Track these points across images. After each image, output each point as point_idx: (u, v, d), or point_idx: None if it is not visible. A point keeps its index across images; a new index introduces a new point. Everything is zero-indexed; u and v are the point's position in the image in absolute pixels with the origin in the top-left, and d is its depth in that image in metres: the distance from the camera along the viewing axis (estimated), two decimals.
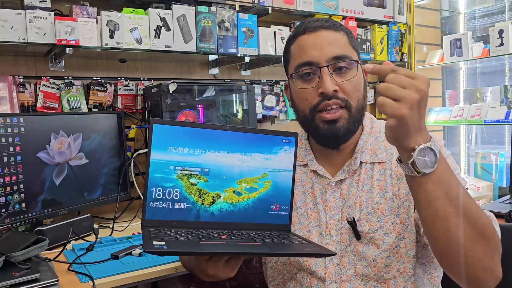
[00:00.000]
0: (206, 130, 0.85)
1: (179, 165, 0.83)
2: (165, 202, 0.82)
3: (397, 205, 0.93)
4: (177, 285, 1.60)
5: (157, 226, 0.80)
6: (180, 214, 0.83)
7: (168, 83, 1.70)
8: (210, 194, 0.86)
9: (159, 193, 0.81)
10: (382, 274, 0.92)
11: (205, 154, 0.85)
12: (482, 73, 2.84)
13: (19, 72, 1.70)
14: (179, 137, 0.83)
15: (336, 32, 0.96)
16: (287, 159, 0.92)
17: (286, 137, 0.92)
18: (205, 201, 0.85)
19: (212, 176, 0.86)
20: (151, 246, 0.69)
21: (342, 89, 0.93)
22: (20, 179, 1.38)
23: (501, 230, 1.16)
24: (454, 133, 2.95)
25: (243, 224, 0.88)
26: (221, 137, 0.86)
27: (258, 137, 0.90)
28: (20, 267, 1.03)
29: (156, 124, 0.81)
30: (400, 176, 0.95)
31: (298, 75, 0.97)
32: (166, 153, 0.82)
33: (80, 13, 1.62)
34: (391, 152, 0.98)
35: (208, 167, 0.85)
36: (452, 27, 2.95)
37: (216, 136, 0.86)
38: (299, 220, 1.00)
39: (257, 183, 0.89)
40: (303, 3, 2.12)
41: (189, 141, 0.84)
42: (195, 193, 0.84)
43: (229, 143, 0.87)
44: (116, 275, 1.12)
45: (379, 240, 0.92)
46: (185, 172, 0.83)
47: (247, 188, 0.88)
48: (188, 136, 0.84)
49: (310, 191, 1.01)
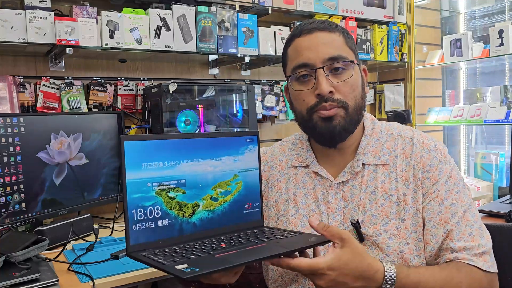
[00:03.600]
0: (176, 140, 0.84)
1: (156, 180, 0.80)
2: (147, 222, 0.79)
3: (402, 209, 0.93)
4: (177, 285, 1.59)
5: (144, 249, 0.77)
6: (164, 231, 0.81)
7: (168, 83, 1.70)
8: (190, 205, 0.85)
9: (140, 213, 0.78)
10: None
11: (180, 165, 0.84)
12: (482, 73, 2.84)
13: (19, 72, 1.71)
14: (151, 152, 0.80)
15: (332, 33, 0.96)
16: (253, 158, 0.95)
17: (248, 136, 0.94)
18: (185, 213, 0.84)
19: (189, 186, 0.85)
20: (180, 272, 0.66)
21: (338, 90, 0.93)
22: (20, 179, 1.38)
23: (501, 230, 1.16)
24: (454, 133, 2.95)
25: (223, 228, 0.89)
26: (191, 145, 0.86)
27: (225, 141, 0.91)
28: (20, 267, 1.03)
29: (127, 141, 0.78)
30: (406, 182, 0.95)
31: (295, 77, 0.97)
32: (141, 171, 0.79)
33: (80, 13, 1.62)
34: (395, 154, 0.98)
35: (184, 178, 0.84)
36: (452, 27, 2.95)
37: (187, 145, 0.85)
38: (301, 221, 1.00)
39: (230, 186, 0.91)
40: (303, 3, 2.12)
41: (161, 154, 0.82)
42: (175, 206, 0.83)
43: (200, 149, 0.87)
44: (116, 275, 1.12)
45: (382, 244, 0.92)
46: (163, 187, 0.81)
47: (222, 192, 0.90)
48: (160, 149, 0.82)
49: (312, 192, 1.01)
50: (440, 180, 0.94)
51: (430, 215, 0.92)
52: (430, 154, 0.96)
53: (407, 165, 0.96)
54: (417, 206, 0.93)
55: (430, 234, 0.91)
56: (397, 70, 2.66)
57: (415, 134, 1.00)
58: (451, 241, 0.89)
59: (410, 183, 0.95)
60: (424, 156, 0.96)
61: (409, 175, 0.95)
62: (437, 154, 0.96)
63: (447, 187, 0.93)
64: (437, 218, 0.91)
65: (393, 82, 2.70)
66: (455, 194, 0.93)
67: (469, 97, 2.76)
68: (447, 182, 0.94)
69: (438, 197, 0.93)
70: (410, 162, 0.96)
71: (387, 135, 1.01)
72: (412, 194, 0.94)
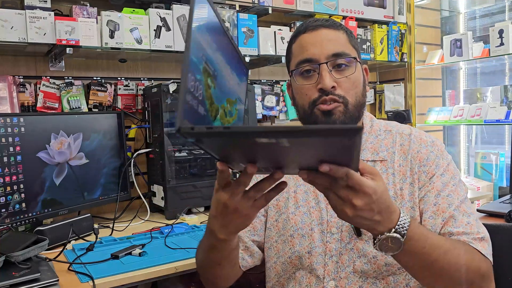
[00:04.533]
0: (228, 41, 0.70)
1: (206, 55, 0.59)
2: (194, 99, 0.56)
3: (399, 204, 0.94)
4: (177, 285, 1.60)
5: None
6: (198, 120, 0.57)
7: (168, 83, 1.70)
8: (215, 106, 0.64)
9: (192, 83, 0.55)
10: (381, 271, 0.93)
11: (217, 55, 0.65)
12: (482, 73, 2.84)
13: (19, 72, 1.71)
14: (209, 28, 0.62)
15: (336, 30, 0.98)
16: (243, 91, 0.80)
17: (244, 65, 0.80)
18: (212, 114, 0.63)
19: (218, 83, 0.64)
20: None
21: (340, 85, 0.95)
22: (20, 179, 1.38)
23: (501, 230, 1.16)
24: (454, 133, 2.95)
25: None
26: (231, 49, 0.70)
27: (237, 58, 0.75)
28: (20, 267, 1.03)
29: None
30: (403, 176, 0.96)
31: (299, 72, 0.98)
32: (202, 35, 0.59)
33: (80, 13, 1.62)
34: (393, 151, 1.00)
35: (217, 71, 0.64)
36: (452, 27, 2.95)
37: (228, 48, 0.70)
38: (301, 219, 1.00)
39: (233, 108, 0.74)
40: (303, 3, 2.12)
41: (214, 37, 0.63)
42: (209, 99, 0.61)
43: (226, 57, 0.69)
44: (116, 275, 1.12)
45: None
46: (207, 67, 0.60)
47: (228, 111, 0.71)
48: (216, 31, 0.64)
49: (312, 189, 1.02)
50: (437, 173, 0.95)
51: (427, 205, 0.93)
52: (427, 149, 0.98)
53: (404, 160, 0.98)
54: (414, 200, 0.95)
55: (428, 225, 0.92)
56: (397, 70, 2.66)
57: (413, 131, 1.02)
58: (449, 226, 0.90)
59: (407, 178, 0.96)
60: (421, 151, 0.98)
61: (406, 169, 0.97)
62: (434, 150, 0.98)
63: (444, 180, 0.95)
64: (434, 209, 0.93)
65: (393, 82, 2.70)
66: (452, 187, 0.95)
67: (469, 97, 2.76)
68: (443, 175, 0.95)
69: (434, 188, 0.94)
70: (407, 157, 0.98)
71: (385, 132, 1.03)
72: (409, 188, 0.95)
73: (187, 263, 1.21)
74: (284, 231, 1.02)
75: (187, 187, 1.74)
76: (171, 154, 1.74)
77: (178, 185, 1.72)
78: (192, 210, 1.79)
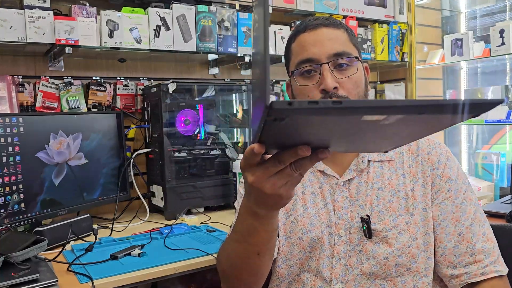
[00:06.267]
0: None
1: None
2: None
3: (411, 205, 0.94)
4: (177, 285, 1.59)
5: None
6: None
7: (168, 83, 1.70)
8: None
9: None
10: (391, 271, 0.92)
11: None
12: (483, 73, 2.83)
13: (18, 72, 1.70)
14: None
15: (337, 29, 0.96)
16: None
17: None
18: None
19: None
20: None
21: (343, 86, 0.93)
22: (19, 179, 1.38)
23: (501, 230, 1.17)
24: (454, 133, 2.94)
25: None
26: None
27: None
28: (19, 267, 1.02)
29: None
30: (414, 177, 0.96)
31: (299, 72, 0.96)
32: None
33: (80, 13, 1.61)
34: (400, 151, 0.99)
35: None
36: (453, 27, 2.94)
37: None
38: (310, 221, 0.99)
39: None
40: (303, 3, 2.11)
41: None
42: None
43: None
44: (115, 275, 1.11)
45: (392, 239, 0.92)
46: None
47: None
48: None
49: (319, 191, 1.01)
50: (451, 177, 0.96)
51: (445, 214, 0.94)
52: (436, 151, 0.98)
53: (414, 161, 0.98)
54: (426, 201, 0.95)
55: (444, 233, 0.93)
56: (398, 69, 2.65)
57: None
58: (469, 243, 0.92)
59: (419, 179, 0.96)
60: (431, 153, 0.98)
61: (417, 171, 0.97)
62: (443, 151, 0.99)
63: (457, 186, 0.96)
64: (450, 217, 0.94)
65: (394, 81, 2.70)
66: (464, 193, 0.96)
67: (470, 97, 2.76)
68: (456, 181, 0.96)
69: (451, 196, 0.95)
70: (417, 158, 0.98)
71: None
72: (421, 189, 0.96)
73: (187, 263, 1.20)
74: (291, 234, 1.00)
75: (187, 187, 1.74)
76: (171, 154, 1.73)
77: (177, 186, 1.72)
78: (191, 210, 1.78)
